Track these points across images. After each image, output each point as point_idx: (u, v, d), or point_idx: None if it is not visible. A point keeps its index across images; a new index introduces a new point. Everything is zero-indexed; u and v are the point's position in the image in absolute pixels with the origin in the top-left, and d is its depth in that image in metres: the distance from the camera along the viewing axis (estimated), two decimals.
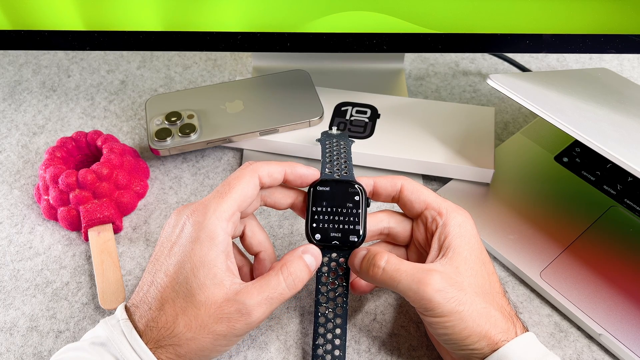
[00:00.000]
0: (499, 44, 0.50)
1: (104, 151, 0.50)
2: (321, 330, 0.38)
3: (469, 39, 0.49)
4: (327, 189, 0.39)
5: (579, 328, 0.43)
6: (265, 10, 0.48)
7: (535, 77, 0.51)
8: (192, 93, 0.56)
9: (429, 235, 0.39)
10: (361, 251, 0.37)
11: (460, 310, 0.34)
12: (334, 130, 0.48)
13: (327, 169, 0.41)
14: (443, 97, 0.63)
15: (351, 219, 0.39)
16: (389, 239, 0.42)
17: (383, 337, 0.42)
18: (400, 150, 0.51)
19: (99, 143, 0.51)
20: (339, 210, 0.39)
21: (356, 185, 0.39)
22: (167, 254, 0.35)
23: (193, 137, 0.51)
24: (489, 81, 0.45)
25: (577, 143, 0.55)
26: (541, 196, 0.50)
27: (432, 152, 0.51)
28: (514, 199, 0.50)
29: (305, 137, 0.53)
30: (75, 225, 0.48)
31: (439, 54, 0.68)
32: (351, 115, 0.55)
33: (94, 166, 0.48)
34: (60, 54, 0.67)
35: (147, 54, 0.67)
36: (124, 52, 0.67)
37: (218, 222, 0.34)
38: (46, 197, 0.49)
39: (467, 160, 0.50)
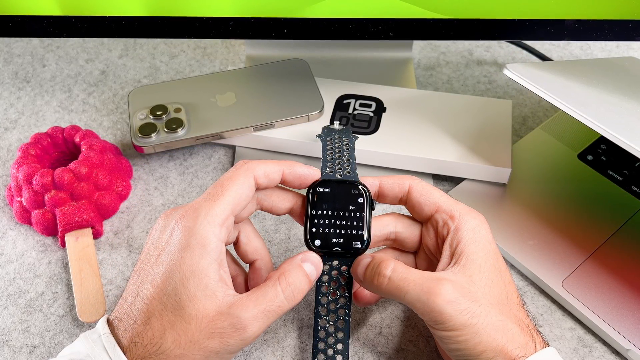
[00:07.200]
0: (516, 31, 0.50)
1: (83, 148, 0.50)
2: (321, 345, 0.39)
3: (484, 25, 0.49)
4: (328, 190, 0.40)
5: (604, 342, 0.43)
6: None
7: (557, 67, 0.51)
8: (179, 84, 0.56)
9: (440, 240, 0.39)
10: (365, 259, 0.38)
11: (474, 324, 0.34)
12: (336, 125, 0.48)
13: (328, 168, 0.41)
14: (455, 89, 0.63)
15: (354, 223, 0.39)
16: (395, 244, 0.42)
17: (389, 352, 0.42)
18: (408, 147, 0.52)
19: (77, 139, 0.51)
20: (341, 213, 0.39)
21: (360, 186, 0.40)
22: (154, 263, 0.35)
23: (180, 132, 0.51)
24: (505, 71, 0.45)
25: (602, 139, 0.55)
26: (563, 198, 0.50)
27: (443, 149, 0.51)
28: (533, 200, 0.50)
29: (303, 132, 0.53)
30: (51, 229, 0.48)
31: (451, 41, 0.68)
32: (354, 109, 0.55)
33: (72, 165, 0.48)
34: (35, 41, 0.67)
35: (130, 41, 0.68)
36: (105, 40, 0.67)
37: (210, 228, 0.35)
38: (19, 198, 0.49)
39: (482, 158, 0.51)
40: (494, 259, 0.37)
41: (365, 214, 0.39)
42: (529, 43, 0.66)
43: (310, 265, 0.37)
